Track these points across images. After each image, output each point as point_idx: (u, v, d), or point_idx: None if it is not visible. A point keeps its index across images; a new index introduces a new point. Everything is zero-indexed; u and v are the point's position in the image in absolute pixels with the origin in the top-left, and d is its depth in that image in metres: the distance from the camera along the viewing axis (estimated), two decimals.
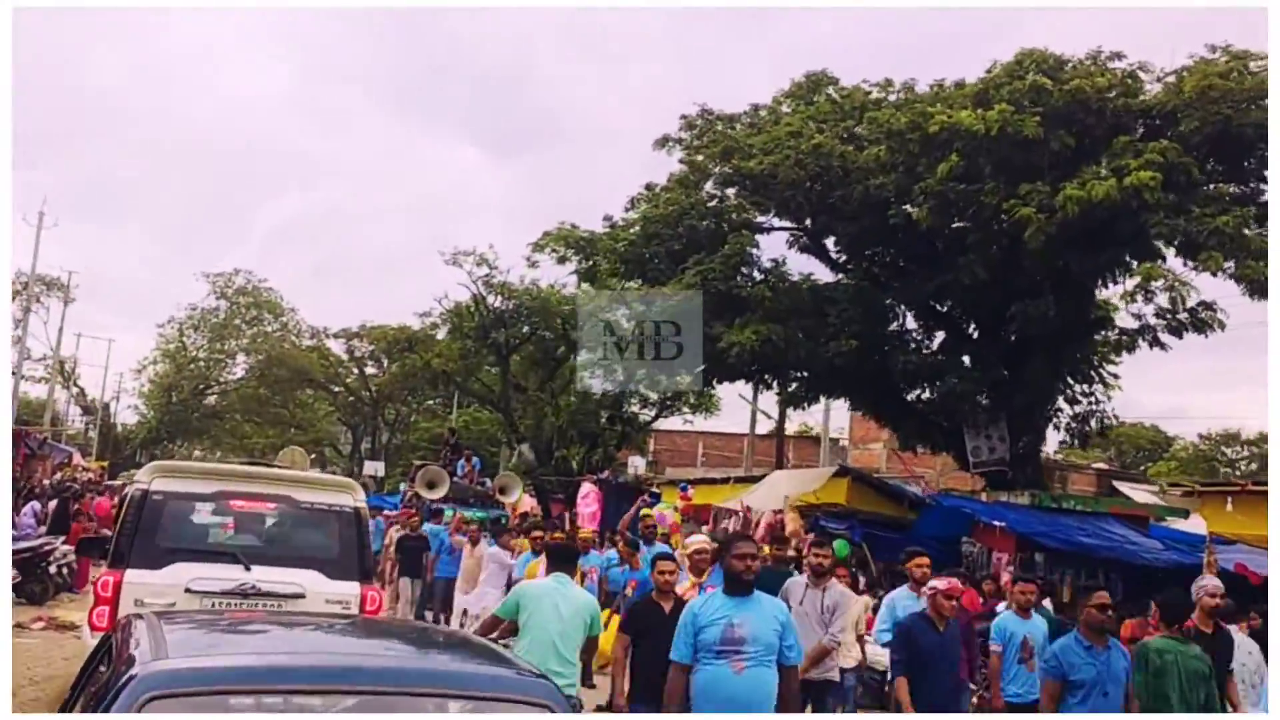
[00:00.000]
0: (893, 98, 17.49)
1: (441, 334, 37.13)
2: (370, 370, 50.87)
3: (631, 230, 18.34)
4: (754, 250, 17.61)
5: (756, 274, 17.76)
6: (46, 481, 30.61)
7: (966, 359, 18.14)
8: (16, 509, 21.40)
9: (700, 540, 8.72)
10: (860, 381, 18.56)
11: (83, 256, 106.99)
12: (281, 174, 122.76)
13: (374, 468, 44.65)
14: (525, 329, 34.06)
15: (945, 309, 18.64)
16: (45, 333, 45.21)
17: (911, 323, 19.11)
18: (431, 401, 51.36)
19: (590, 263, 19.67)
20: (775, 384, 20.75)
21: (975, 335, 18.67)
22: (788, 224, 19.29)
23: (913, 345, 18.15)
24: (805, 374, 19.44)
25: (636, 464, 39.80)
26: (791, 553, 11.48)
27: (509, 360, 34.49)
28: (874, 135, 16.24)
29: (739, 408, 38.29)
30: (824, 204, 17.28)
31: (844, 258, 19.43)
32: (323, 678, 3.29)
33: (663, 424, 38.85)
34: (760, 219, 18.69)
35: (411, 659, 3.83)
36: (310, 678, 3.26)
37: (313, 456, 39.55)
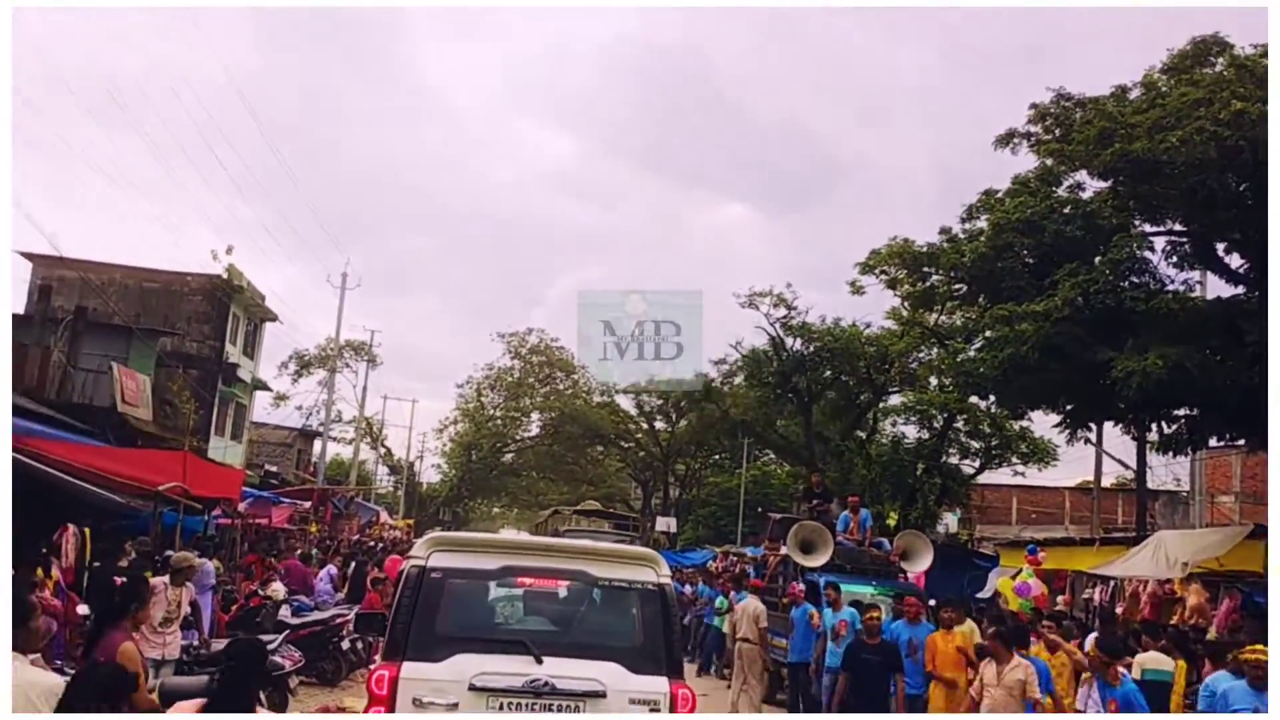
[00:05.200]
0: None
1: (738, 381, 35.39)
2: (659, 425, 50.20)
3: (978, 241, 15.17)
4: (1148, 255, 14.03)
5: (1151, 284, 14.15)
6: (354, 540, 30.76)
7: None
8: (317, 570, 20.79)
9: None
10: None
11: (387, 327, 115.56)
12: (564, 244, 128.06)
13: (665, 523, 44.00)
14: (827, 373, 31.50)
15: None
16: (353, 395, 47.46)
17: None
18: (718, 456, 50.10)
19: (926, 284, 16.59)
20: (1159, 424, 16.83)
21: None
22: (1160, 230, 15.68)
23: None
24: (1196, 410, 15.66)
25: (946, 521, 35.86)
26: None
27: (810, 408, 32.04)
28: None
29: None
30: (1233, 193, 13.54)
31: (1245, 265, 15.55)
32: None
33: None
34: (1137, 221, 15.12)
35: None
36: None
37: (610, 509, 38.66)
